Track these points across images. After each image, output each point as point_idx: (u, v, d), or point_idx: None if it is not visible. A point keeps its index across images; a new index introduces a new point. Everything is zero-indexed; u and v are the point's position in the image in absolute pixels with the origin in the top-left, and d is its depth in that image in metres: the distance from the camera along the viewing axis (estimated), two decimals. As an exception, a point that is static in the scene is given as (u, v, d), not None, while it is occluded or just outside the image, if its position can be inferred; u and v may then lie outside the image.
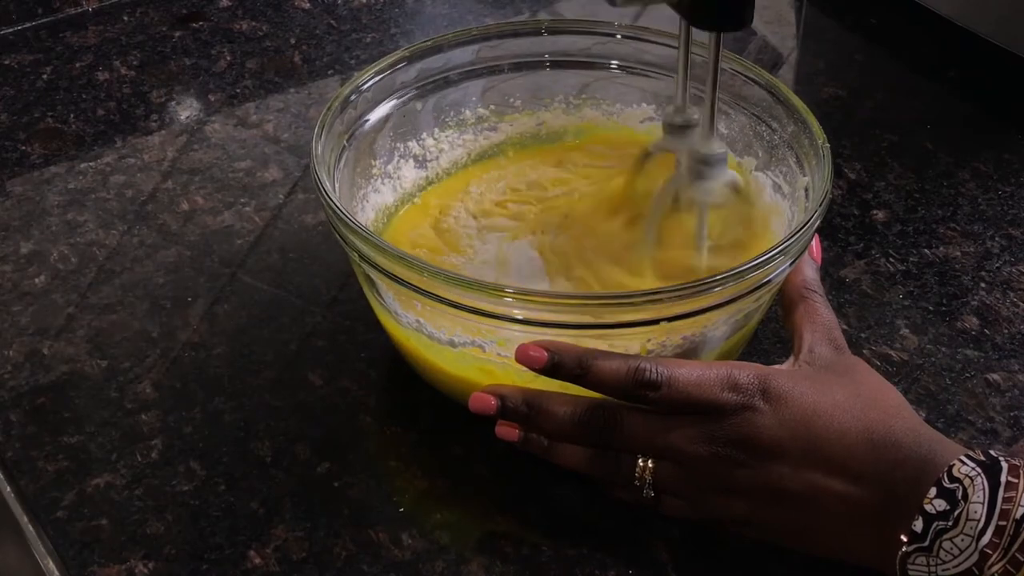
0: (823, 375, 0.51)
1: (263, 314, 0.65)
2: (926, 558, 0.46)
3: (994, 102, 0.83)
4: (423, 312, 0.54)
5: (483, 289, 0.50)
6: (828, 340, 0.53)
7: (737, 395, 0.49)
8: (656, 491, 0.52)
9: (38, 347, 0.63)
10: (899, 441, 0.48)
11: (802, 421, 0.49)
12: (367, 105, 0.63)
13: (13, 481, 0.56)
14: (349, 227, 0.53)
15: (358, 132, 0.62)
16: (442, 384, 0.58)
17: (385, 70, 0.63)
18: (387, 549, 0.53)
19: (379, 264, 0.52)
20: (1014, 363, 0.62)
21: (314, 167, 0.56)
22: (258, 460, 0.57)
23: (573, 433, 0.52)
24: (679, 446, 0.50)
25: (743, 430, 0.49)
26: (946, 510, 0.46)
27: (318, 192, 0.55)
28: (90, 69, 0.86)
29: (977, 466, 0.46)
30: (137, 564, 0.52)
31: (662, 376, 0.49)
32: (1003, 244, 0.70)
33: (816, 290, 0.56)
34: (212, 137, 0.78)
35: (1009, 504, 0.45)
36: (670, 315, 0.51)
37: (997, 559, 0.44)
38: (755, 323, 0.58)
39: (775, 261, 0.52)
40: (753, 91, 0.63)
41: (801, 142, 0.59)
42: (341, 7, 0.93)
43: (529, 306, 0.50)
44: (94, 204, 0.73)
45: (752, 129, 0.63)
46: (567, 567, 0.52)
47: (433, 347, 0.55)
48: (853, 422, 0.49)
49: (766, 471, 0.49)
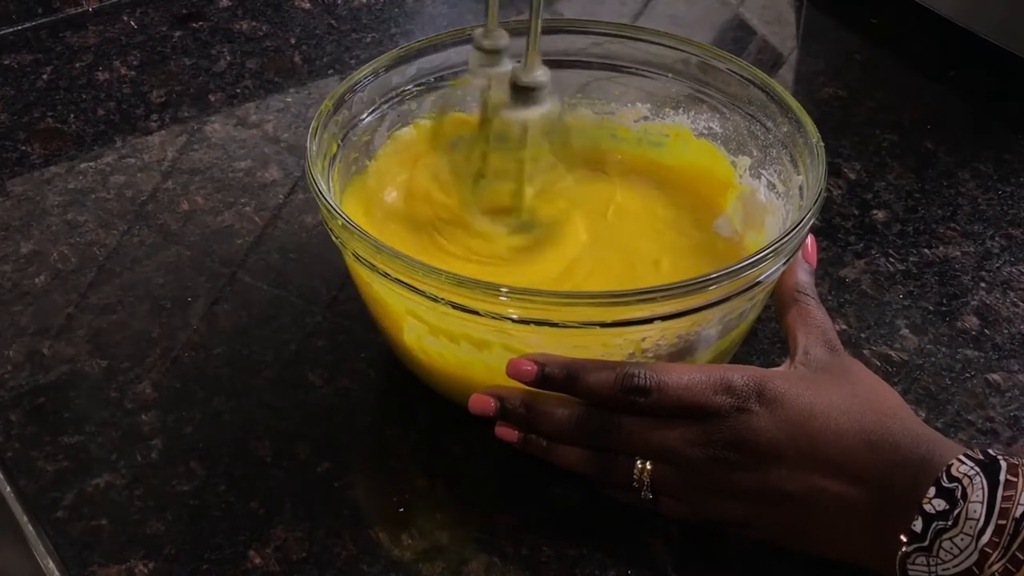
0: (819, 376, 0.51)
1: (263, 314, 0.65)
2: (926, 558, 0.46)
3: (994, 102, 0.83)
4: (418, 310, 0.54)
5: (477, 288, 0.50)
6: (823, 342, 0.53)
7: (731, 398, 0.49)
8: (654, 493, 0.52)
9: (38, 347, 0.63)
10: (897, 441, 0.48)
11: (799, 423, 0.49)
12: (362, 104, 0.63)
13: (13, 481, 0.56)
14: (343, 226, 0.53)
15: (353, 131, 0.62)
16: (440, 383, 0.58)
17: (381, 69, 0.63)
18: (387, 549, 0.53)
19: (373, 263, 0.52)
20: (1014, 363, 0.62)
21: (308, 166, 0.56)
22: (258, 460, 0.57)
23: (571, 435, 0.52)
24: (676, 448, 0.50)
25: (739, 433, 0.49)
26: (945, 510, 0.45)
27: (312, 190, 0.55)
28: (90, 69, 0.86)
29: (976, 465, 0.46)
30: (137, 564, 0.52)
31: (651, 381, 0.50)
32: (1003, 244, 0.70)
33: (808, 292, 0.56)
34: (212, 137, 0.78)
35: (1008, 503, 0.45)
36: (663, 314, 0.51)
37: (997, 558, 0.44)
38: (750, 322, 0.58)
39: (768, 260, 0.52)
40: (747, 90, 0.63)
41: (796, 141, 0.59)
42: (341, 7, 0.93)
43: (525, 304, 0.50)
44: (94, 204, 0.73)
45: (747, 128, 0.63)
46: (567, 567, 0.52)
47: (430, 346, 0.55)
48: (850, 423, 0.49)
49: (764, 473, 0.49)
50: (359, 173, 0.64)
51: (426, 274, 0.50)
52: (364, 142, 0.63)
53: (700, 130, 0.66)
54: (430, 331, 0.54)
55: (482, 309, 0.51)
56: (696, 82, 0.65)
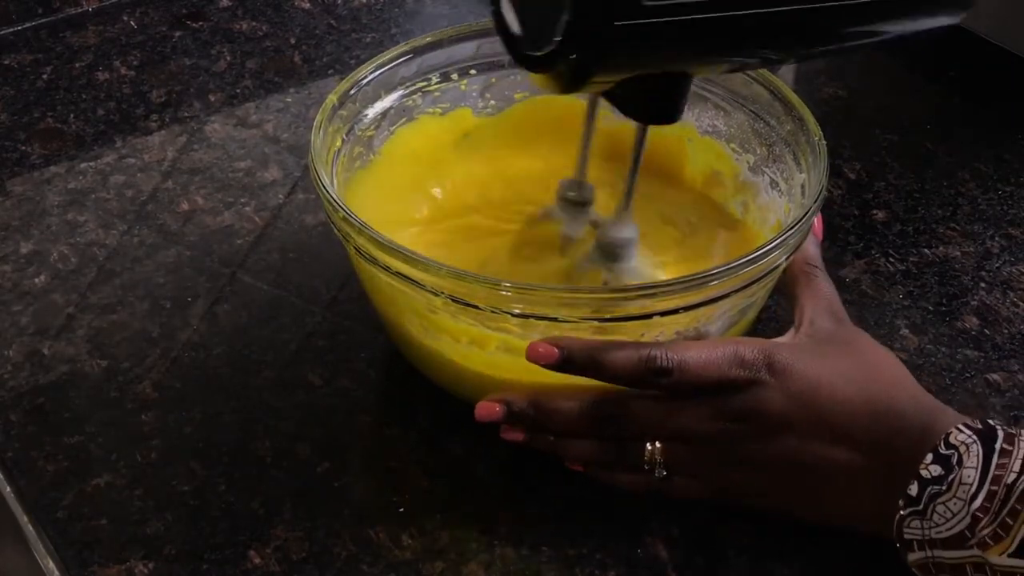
0: (825, 347, 0.52)
1: (263, 314, 0.65)
2: (920, 521, 0.47)
3: (994, 102, 0.83)
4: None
5: (477, 282, 0.50)
6: (829, 312, 0.54)
7: (744, 371, 0.50)
8: (667, 472, 0.52)
9: (38, 347, 0.63)
10: (901, 410, 0.49)
11: (807, 392, 0.50)
12: (367, 100, 0.63)
13: (13, 481, 0.56)
14: (347, 221, 0.53)
15: (357, 126, 0.62)
16: (444, 379, 0.58)
17: (385, 65, 0.63)
18: (387, 549, 0.53)
19: (375, 256, 0.52)
20: (1014, 363, 0.62)
21: (312, 161, 0.56)
22: (258, 460, 0.57)
23: (581, 428, 0.53)
24: (689, 426, 0.51)
25: (751, 404, 0.50)
26: (940, 475, 0.46)
27: (316, 185, 0.55)
28: (90, 69, 0.86)
29: (974, 433, 0.47)
30: (137, 564, 0.52)
31: (672, 362, 0.50)
32: (1003, 244, 0.70)
33: (817, 264, 0.56)
34: (212, 137, 0.78)
35: (1002, 470, 0.45)
36: (662, 309, 0.51)
37: (988, 523, 0.45)
38: (750, 320, 0.58)
39: (771, 256, 0.52)
40: (752, 89, 0.63)
41: (798, 139, 0.60)
42: (341, 7, 0.93)
43: (525, 299, 0.50)
44: (94, 204, 0.73)
45: (751, 127, 0.63)
46: (567, 567, 0.52)
47: (433, 342, 0.55)
48: (856, 392, 0.50)
49: (775, 443, 0.50)
50: (363, 167, 0.64)
51: (426, 268, 0.51)
52: (368, 136, 0.64)
53: (704, 128, 0.66)
54: (432, 326, 0.54)
55: (483, 303, 0.51)
56: (700, 79, 0.65)
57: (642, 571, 0.52)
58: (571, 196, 0.60)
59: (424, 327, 0.55)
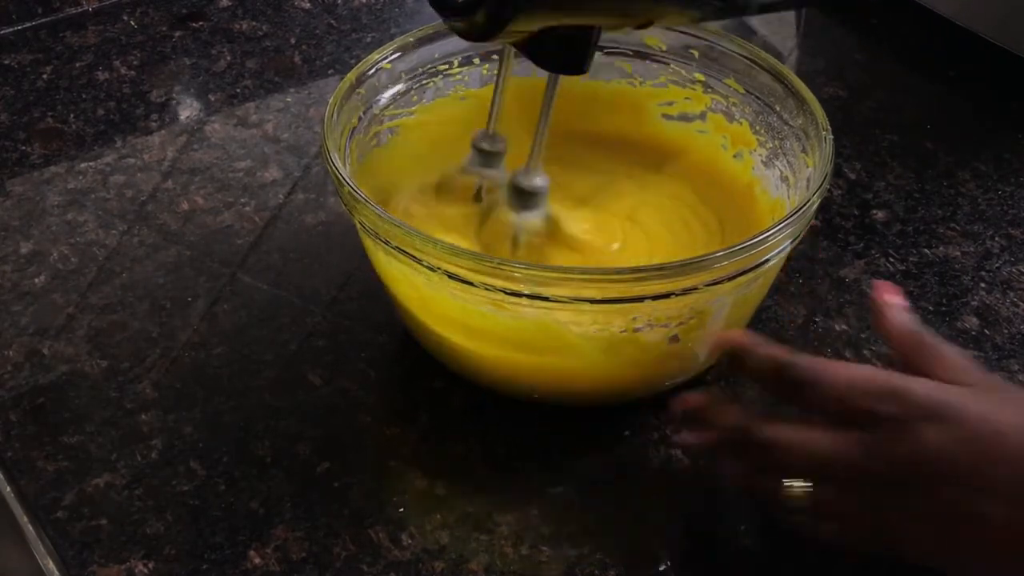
0: (990, 395, 0.47)
1: (263, 314, 0.65)
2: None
3: (994, 102, 0.83)
4: None
5: (471, 259, 0.51)
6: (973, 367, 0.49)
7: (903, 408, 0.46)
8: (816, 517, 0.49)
9: (38, 347, 0.63)
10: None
11: (979, 441, 0.45)
12: (382, 83, 0.63)
13: (13, 481, 0.56)
14: (358, 200, 0.54)
15: (370, 110, 0.63)
16: (452, 359, 0.59)
17: (400, 50, 0.64)
18: (387, 549, 0.53)
19: (377, 231, 0.53)
20: (1014, 363, 0.62)
21: (325, 143, 0.57)
22: (258, 460, 0.57)
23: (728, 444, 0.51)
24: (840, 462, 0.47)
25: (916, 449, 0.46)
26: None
27: (327, 165, 0.56)
28: (90, 69, 0.86)
29: None
30: (137, 564, 0.52)
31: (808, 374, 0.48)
32: (1003, 244, 0.70)
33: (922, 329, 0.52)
34: (212, 137, 0.78)
35: None
36: (655, 293, 0.51)
37: None
38: (747, 315, 0.58)
39: (772, 241, 0.52)
40: (765, 80, 0.63)
41: (808, 133, 0.60)
42: (341, 7, 0.93)
43: (517, 277, 0.51)
44: (94, 204, 0.73)
45: (763, 120, 0.64)
46: (567, 567, 0.52)
47: (437, 322, 0.56)
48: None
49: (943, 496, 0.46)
50: (378, 146, 0.64)
51: (424, 243, 0.51)
52: (384, 116, 0.64)
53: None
54: (431, 302, 0.55)
55: (476, 280, 0.51)
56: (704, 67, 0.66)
57: (642, 571, 0.52)
58: (484, 147, 0.61)
59: (422, 303, 0.56)
